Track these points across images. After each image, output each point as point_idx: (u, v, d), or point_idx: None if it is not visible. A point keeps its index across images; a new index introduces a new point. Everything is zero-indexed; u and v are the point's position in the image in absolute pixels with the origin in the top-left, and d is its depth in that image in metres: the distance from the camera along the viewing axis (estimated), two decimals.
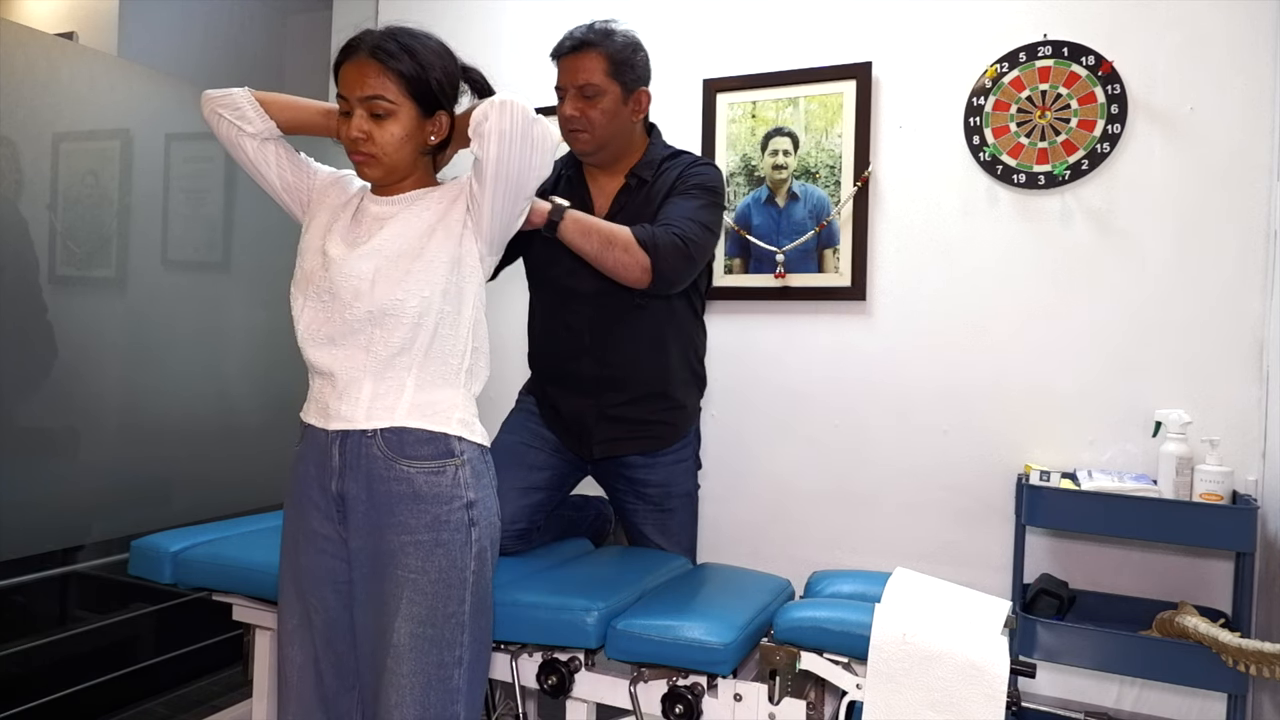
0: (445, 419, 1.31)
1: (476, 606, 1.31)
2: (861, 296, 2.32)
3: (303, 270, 1.37)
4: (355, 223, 1.36)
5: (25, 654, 2.20)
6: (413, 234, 1.31)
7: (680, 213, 1.75)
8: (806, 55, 2.38)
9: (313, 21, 3.27)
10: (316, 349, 1.33)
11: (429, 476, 1.29)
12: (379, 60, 1.27)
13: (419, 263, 1.29)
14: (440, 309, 1.30)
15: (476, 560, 1.31)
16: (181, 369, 2.34)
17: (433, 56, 1.31)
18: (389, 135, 1.29)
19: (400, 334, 1.28)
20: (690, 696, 1.46)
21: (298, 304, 1.36)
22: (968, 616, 1.42)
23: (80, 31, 2.95)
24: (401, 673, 1.25)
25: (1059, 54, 2.12)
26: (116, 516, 2.22)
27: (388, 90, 1.28)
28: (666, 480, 1.96)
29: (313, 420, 1.36)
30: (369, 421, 1.29)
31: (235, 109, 1.39)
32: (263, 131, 1.41)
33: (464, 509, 1.30)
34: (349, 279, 1.29)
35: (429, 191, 1.37)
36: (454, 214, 1.33)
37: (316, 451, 1.34)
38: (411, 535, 1.28)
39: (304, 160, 1.47)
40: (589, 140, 1.81)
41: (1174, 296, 2.04)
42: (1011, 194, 2.19)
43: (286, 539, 1.41)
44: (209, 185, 2.42)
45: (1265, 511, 1.90)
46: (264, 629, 1.87)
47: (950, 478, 2.23)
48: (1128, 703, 2.09)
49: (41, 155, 2.02)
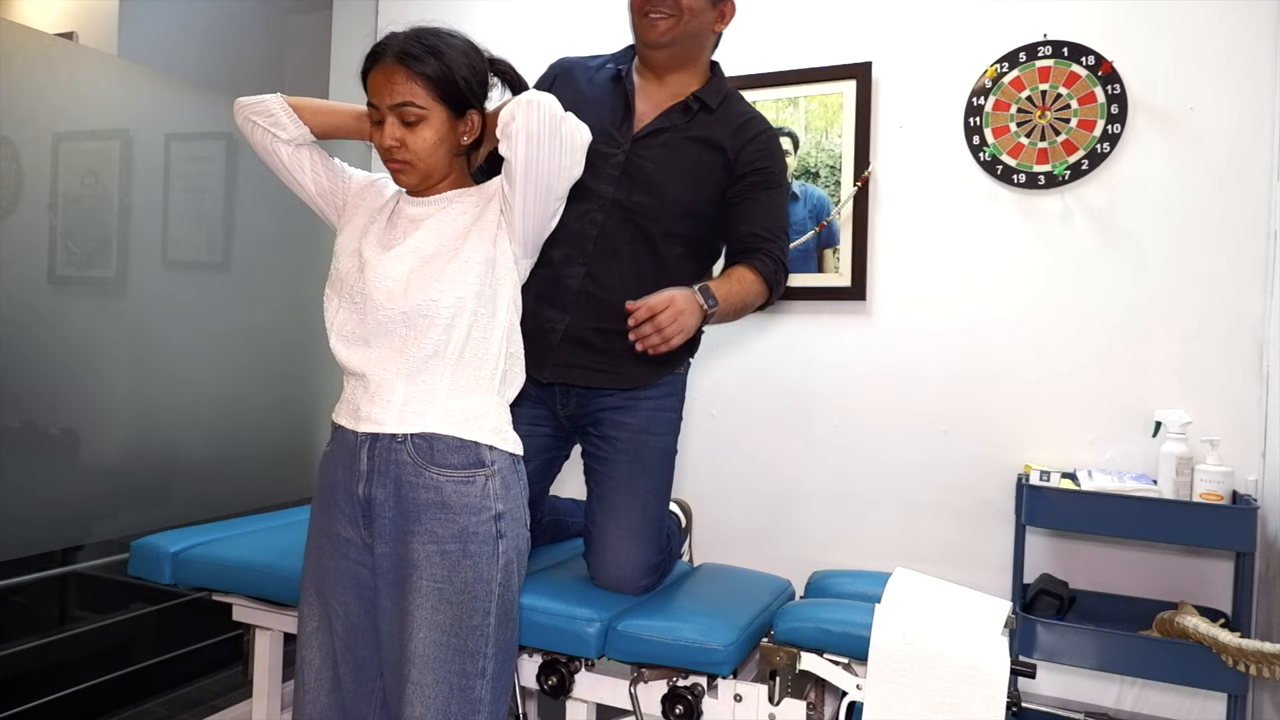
0: (478, 426, 1.30)
1: (501, 618, 1.30)
2: (861, 296, 2.32)
3: (338, 271, 1.35)
4: (391, 225, 1.35)
5: (25, 654, 2.20)
6: (448, 235, 1.30)
7: (776, 220, 1.65)
8: (806, 55, 2.38)
9: (313, 21, 3.27)
10: (349, 350, 1.32)
11: (458, 486, 1.27)
12: (406, 65, 1.25)
13: (453, 264, 1.27)
14: (474, 310, 1.28)
15: (503, 572, 1.29)
16: (181, 369, 2.34)
17: (459, 55, 1.29)
18: (421, 140, 1.28)
19: (433, 335, 1.26)
20: (690, 697, 1.46)
21: (332, 305, 1.35)
22: (968, 617, 1.42)
23: (80, 31, 2.95)
24: (425, 683, 1.24)
25: (1059, 54, 2.12)
26: (116, 516, 2.21)
27: (416, 96, 1.26)
28: (645, 426, 1.69)
29: (343, 421, 1.34)
30: (400, 425, 1.28)
31: (269, 115, 1.38)
32: (296, 137, 1.39)
33: (492, 520, 1.28)
34: (383, 280, 1.28)
35: (465, 192, 1.35)
36: (489, 215, 1.31)
37: (345, 454, 1.33)
38: (438, 545, 1.26)
39: (338, 165, 1.46)
40: (669, 29, 1.61)
41: (1174, 296, 2.04)
42: (1011, 194, 2.19)
43: (311, 540, 1.40)
44: (209, 185, 2.42)
45: (1265, 511, 1.90)
46: (264, 629, 1.86)
47: (950, 478, 2.23)
48: (1128, 703, 2.09)
49: (41, 155, 2.01)
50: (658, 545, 1.69)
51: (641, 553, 1.65)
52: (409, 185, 1.35)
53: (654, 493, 1.70)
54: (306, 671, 1.37)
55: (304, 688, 1.37)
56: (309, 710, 1.36)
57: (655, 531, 1.69)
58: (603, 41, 2.60)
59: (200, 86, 2.45)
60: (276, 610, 1.81)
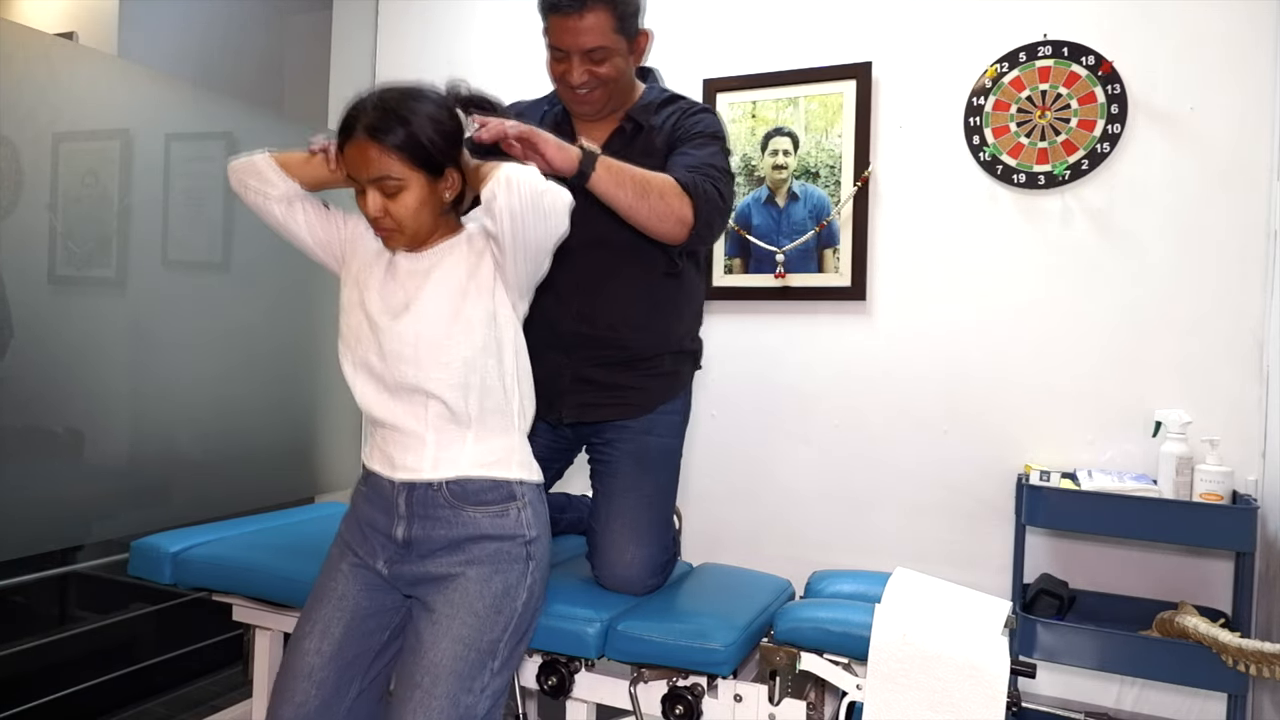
0: (505, 465, 1.37)
1: (515, 635, 1.35)
2: (861, 296, 2.32)
3: (349, 327, 1.40)
4: (389, 277, 1.38)
5: (25, 654, 2.20)
6: (447, 294, 1.34)
7: (698, 160, 1.58)
8: (806, 55, 2.38)
9: (313, 21, 3.26)
10: (375, 404, 1.38)
11: (494, 519, 1.35)
12: (377, 140, 1.27)
13: (457, 325, 1.32)
14: (484, 364, 1.34)
15: (528, 592, 1.36)
16: (181, 369, 2.34)
17: (426, 120, 1.29)
18: (404, 207, 1.31)
19: (451, 395, 1.32)
20: (690, 697, 1.46)
21: (347, 363, 1.40)
22: (968, 617, 1.42)
23: (80, 31, 2.95)
24: (435, 693, 1.26)
25: (1059, 54, 2.12)
26: (116, 516, 2.21)
27: (392, 168, 1.28)
28: (648, 428, 1.71)
29: (377, 468, 1.40)
30: (435, 472, 1.34)
31: (257, 174, 1.41)
32: (287, 193, 1.42)
33: (524, 545, 1.36)
34: (393, 346, 1.33)
35: (456, 242, 1.38)
36: (483, 270, 1.36)
37: (381, 499, 1.38)
38: (476, 566, 1.33)
39: (333, 212, 1.48)
40: (599, 99, 1.64)
41: (1174, 296, 2.04)
42: (1011, 194, 2.19)
43: (335, 552, 1.44)
44: (209, 185, 2.42)
45: (1265, 511, 1.90)
46: (264, 629, 1.86)
47: (950, 478, 2.23)
48: (1128, 703, 2.09)
49: (41, 155, 2.01)
50: (663, 544, 1.69)
51: (648, 552, 1.64)
52: (399, 247, 1.37)
53: (659, 492, 1.70)
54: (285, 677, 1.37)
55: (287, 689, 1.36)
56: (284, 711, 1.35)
57: (661, 531, 1.68)
58: None
59: (200, 86, 2.45)
60: (276, 610, 1.81)
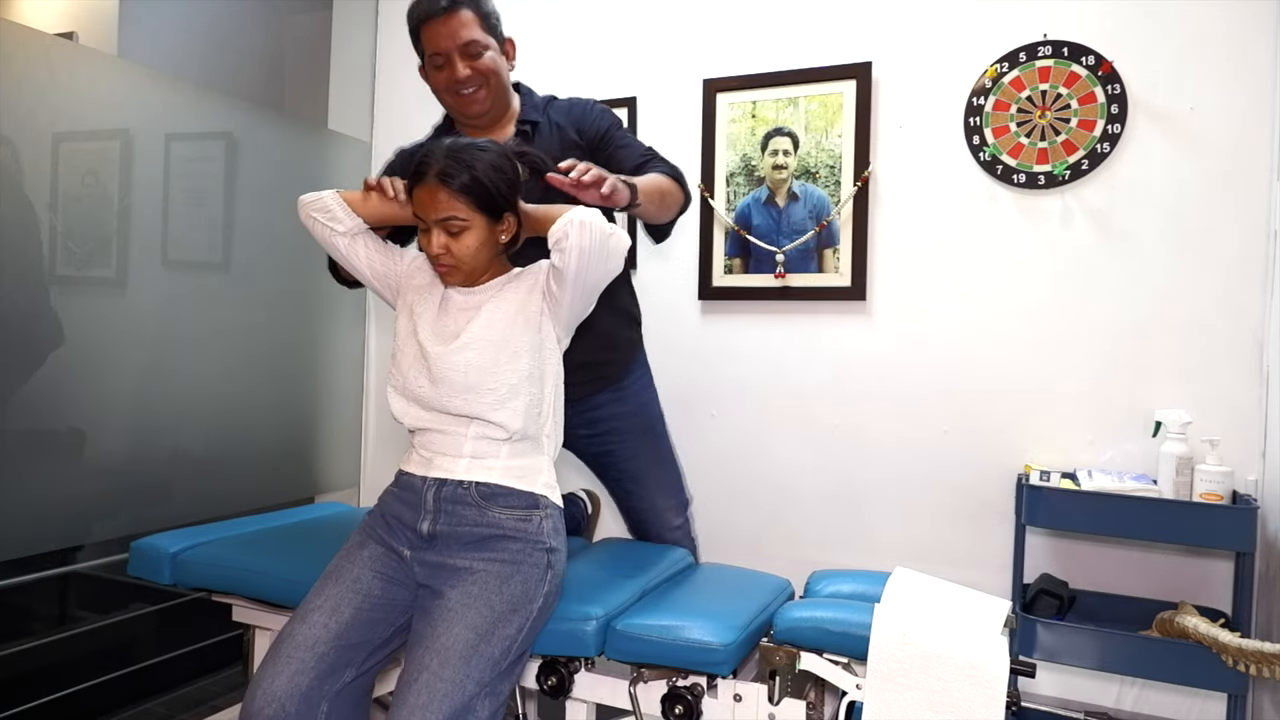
0: (533, 481, 1.48)
1: (527, 637, 1.39)
2: (861, 296, 2.32)
3: (404, 360, 1.49)
4: (443, 312, 1.50)
5: (25, 654, 2.20)
6: (498, 325, 1.45)
7: (643, 149, 1.79)
8: (806, 55, 2.38)
9: (313, 21, 3.27)
10: (419, 420, 1.48)
11: (519, 522, 1.44)
12: (446, 185, 1.39)
13: (504, 353, 1.43)
14: (528, 391, 1.44)
15: (544, 599, 1.42)
16: (181, 369, 2.34)
17: (491, 170, 1.41)
18: (465, 247, 1.43)
19: (496, 415, 1.42)
20: (690, 697, 1.46)
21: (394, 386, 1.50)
22: (967, 617, 1.42)
23: (80, 31, 2.95)
24: (443, 675, 1.28)
25: (1059, 54, 2.12)
26: (116, 516, 2.21)
27: (458, 210, 1.40)
28: (638, 408, 1.93)
29: (413, 469, 1.50)
30: (467, 474, 1.45)
31: (326, 211, 1.53)
32: (351, 229, 1.54)
33: (545, 553, 1.43)
34: (445, 372, 1.43)
35: (507, 281, 1.50)
36: (532, 304, 1.47)
37: (410, 494, 1.48)
38: (498, 564, 1.40)
39: (391, 247, 1.60)
40: (486, 96, 1.75)
41: (1174, 296, 2.04)
42: (1011, 194, 2.19)
43: (355, 539, 1.51)
44: (209, 185, 2.42)
45: (1265, 511, 1.90)
46: (263, 629, 1.86)
47: (950, 478, 2.23)
48: (1128, 703, 2.09)
49: (41, 155, 2.01)
50: (682, 486, 2.01)
51: (679, 500, 1.98)
52: (456, 283, 1.49)
53: (669, 450, 1.99)
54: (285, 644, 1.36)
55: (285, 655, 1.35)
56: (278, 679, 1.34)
57: (678, 478, 2.00)
58: (603, 41, 2.61)
59: (200, 86, 2.45)
60: (276, 611, 1.81)
